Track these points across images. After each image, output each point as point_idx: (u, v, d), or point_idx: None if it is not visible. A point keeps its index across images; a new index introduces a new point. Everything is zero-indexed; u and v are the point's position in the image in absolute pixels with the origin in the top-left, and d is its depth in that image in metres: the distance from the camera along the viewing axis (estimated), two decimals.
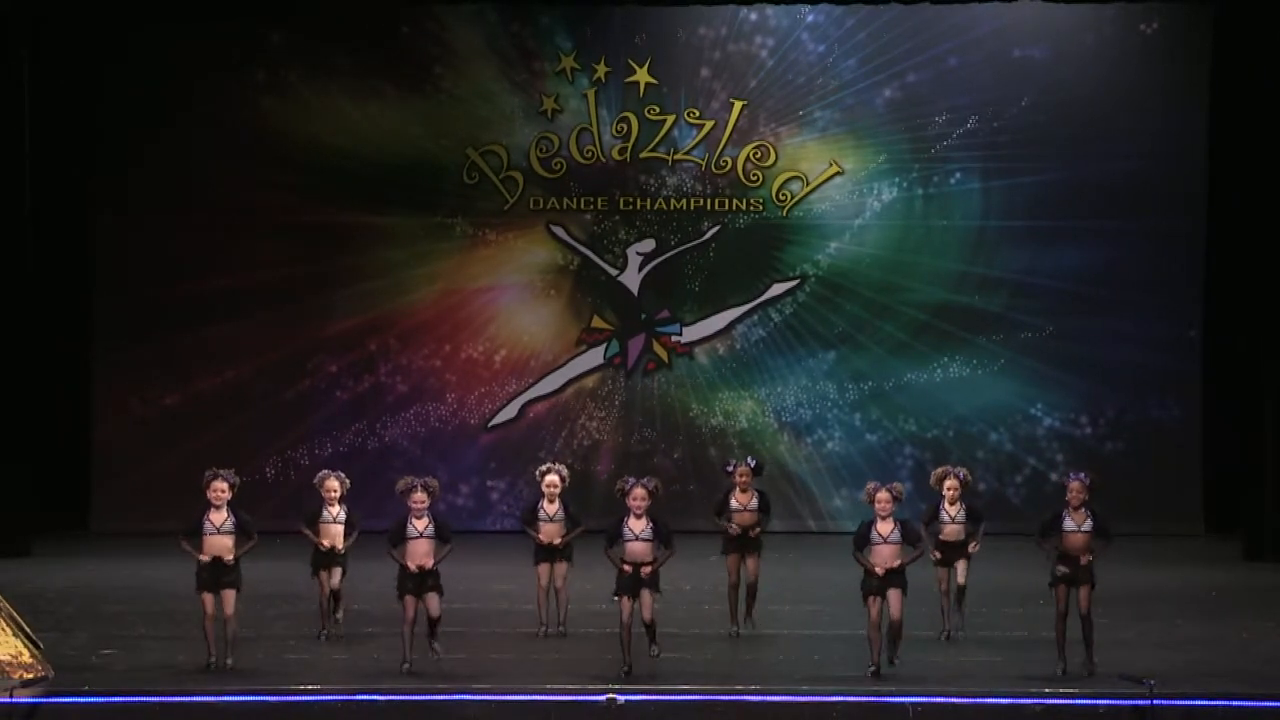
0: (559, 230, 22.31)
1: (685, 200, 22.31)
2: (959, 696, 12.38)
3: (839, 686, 12.60)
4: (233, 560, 13.17)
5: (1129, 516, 13.69)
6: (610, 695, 12.29)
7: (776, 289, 22.37)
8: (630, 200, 22.29)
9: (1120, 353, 22.10)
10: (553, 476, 14.58)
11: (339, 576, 14.42)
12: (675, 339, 22.42)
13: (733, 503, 14.78)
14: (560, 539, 14.58)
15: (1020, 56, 22.09)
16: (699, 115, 22.20)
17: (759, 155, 22.22)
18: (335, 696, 12.30)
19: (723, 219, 22.32)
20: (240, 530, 13.21)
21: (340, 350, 22.23)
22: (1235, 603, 16.89)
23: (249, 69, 21.96)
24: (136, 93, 21.66)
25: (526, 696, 12.34)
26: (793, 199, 22.26)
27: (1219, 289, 21.87)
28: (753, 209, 22.30)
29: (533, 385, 22.37)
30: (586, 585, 15.05)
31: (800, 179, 22.24)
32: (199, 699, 12.27)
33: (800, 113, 22.20)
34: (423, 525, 13.16)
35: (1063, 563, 13.19)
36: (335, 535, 14.37)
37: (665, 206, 22.32)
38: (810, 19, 22.11)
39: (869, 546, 13.08)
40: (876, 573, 12.98)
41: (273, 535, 13.47)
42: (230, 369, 22.07)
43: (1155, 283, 22.16)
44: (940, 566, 14.55)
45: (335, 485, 14.36)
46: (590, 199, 22.29)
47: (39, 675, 12.58)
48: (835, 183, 22.26)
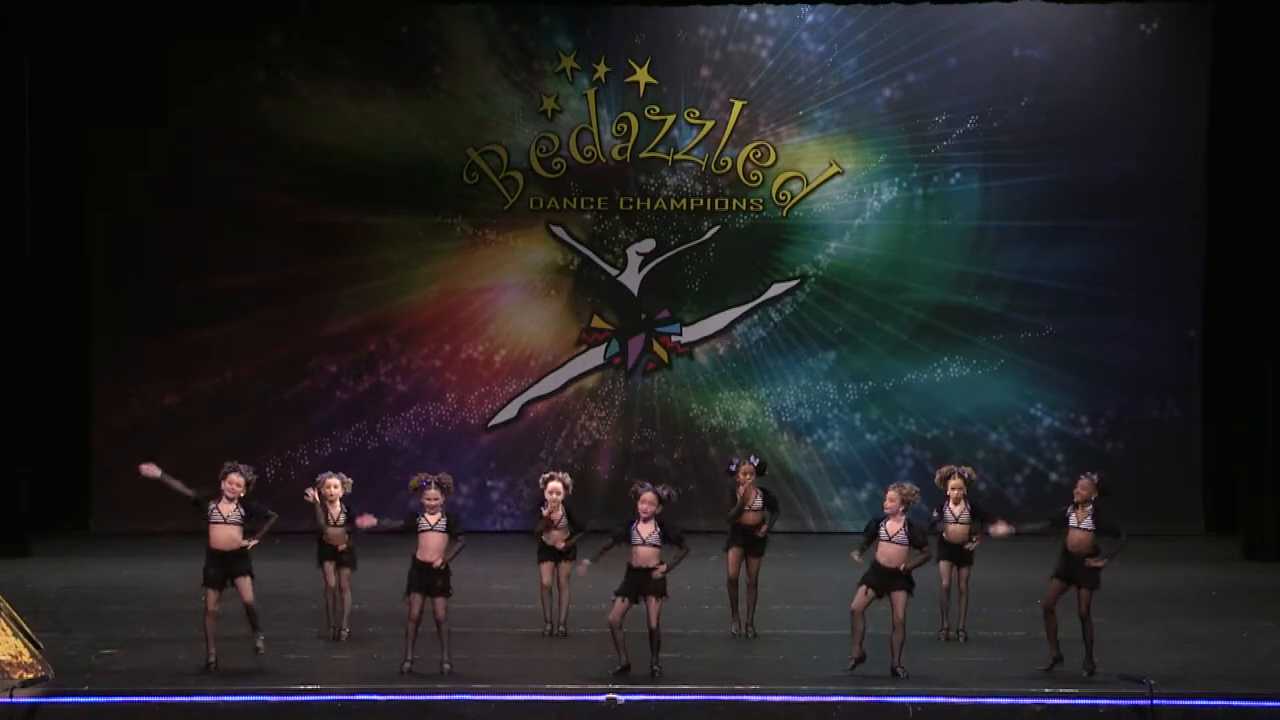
0: (559, 230, 22.31)
1: (685, 200, 22.31)
2: (959, 696, 12.39)
3: (839, 686, 12.62)
4: (243, 549, 13.11)
5: (1129, 516, 13.69)
6: (610, 695, 12.29)
7: (776, 289, 22.37)
8: (630, 200, 22.29)
9: (1120, 353, 22.11)
10: (555, 484, 14.62)
11: (346, 577, 14.41)
12: (675, 339, 22.41)
13: (736, 498, 14.77)
14: (564, 543, 14.64)
15: (1020, 56, 22.09)
16: (699, 115, 22.20)
17: (759, 155, 22.22)
18: (335, 696, 12.29)
19: (723, 219, 22.31)
20: (251, 517, 13.18)
21: (340, 350, 22.22)
22: (1235, 603, 16.90)
23: (249, 69, 21.95)
24: (136, 93, 21.65)
25: (526, 696, 12.34)
26: (793, 199, 22.26)
27: (1219, 289, 21.86)
28: (753, 209, 22.30)
29: (533, 385, 22.37)
30: (587, 585, 15.02)
31: (800, 179, 22.24)
32: (199, 699, 12.27)
33: (800, 113, 22.20)
34: (434, 520, 13.16)
35: (1064, 558, 13.22)
36: (337, 537, 14.36)
37: (665, 206, 22.32)
38: (810, 19, 22.11)
39: (875, 543, 13.14)
40: (854, 558, 13.12)
41: (272, 535, 13.45)
42: (230, 369, 22.06)
43: (1155, 283, 22.18)
44: (942, 561, 14.54)
45: (336, 483, 14.35)
46: (590, 199, 22.29)
47: (39, 675, 12.57)
48: (835, 183, 22.26)
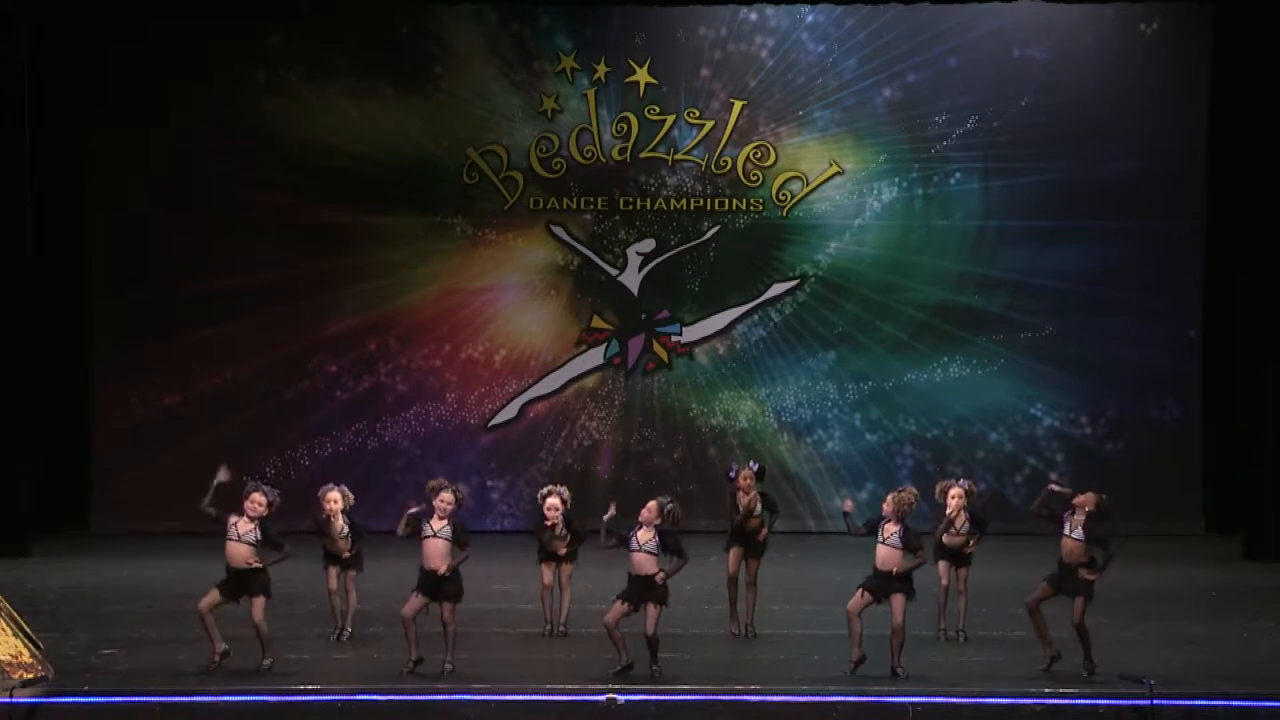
0: (559, 230, 22.30)
1: (685, 200, 22.30)
2: (959, 696, 12.38)
3: (839, 686, 12.62)
4: (257, 569, 12.96)
5: (1129, 516, 13.70)
6: (610, 695, 12.29)
7: (776, 289, 22.36)
8: (630, 200, 22.28)
9: (1120, 353, 22.10)
10: (553, 500, 14.57)
11: (351, 579, 14.38)
12: (675, 339, 22.40)
13: (739, 507, 14.77)
14: (564, 549, 14.65)
15: (1020, 56, 22.08)
16: (699, 115, 22.19)
17: (759, 155, 22.21)
18: (335, 696, 12.29)
19: (723, 219, 22.31)
20: (266, 544, 12.99)
21: (340, 350, 22.21)
22: (1235, 603, 16.90)
23: (249, 69, 21.95)
24: (136, 93, 21.64)
25: (526, 696, 12.34)
26: (793, 199, 22.26)
27: (1219, 289, 21.85)
28: (753, 209, 22.29)
29: (533, 385, 22.37)
30: (588, 585, 15.05)
31: (800, 179, 22.23)
32: (199, 699, 12.27)
33: (800, 113, 22.19)
34: (439, 525, 13.12)
35: (1058, 564, 13.22)
36: (342, 546, 14.29)
37: (665, 206, 22.31)
38: (810, 19, 22.10)
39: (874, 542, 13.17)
40: (847, 505, 13.58)
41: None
42: (230, 369, 22.05)
43: (1155, 283, 22.17)
44: (941, 561, 14.51)
45: (336, 497, 14.32)
46: (590, 199, 22.28)
47: (39, 675, 12.57)
48: (835, 183, 22.25)
